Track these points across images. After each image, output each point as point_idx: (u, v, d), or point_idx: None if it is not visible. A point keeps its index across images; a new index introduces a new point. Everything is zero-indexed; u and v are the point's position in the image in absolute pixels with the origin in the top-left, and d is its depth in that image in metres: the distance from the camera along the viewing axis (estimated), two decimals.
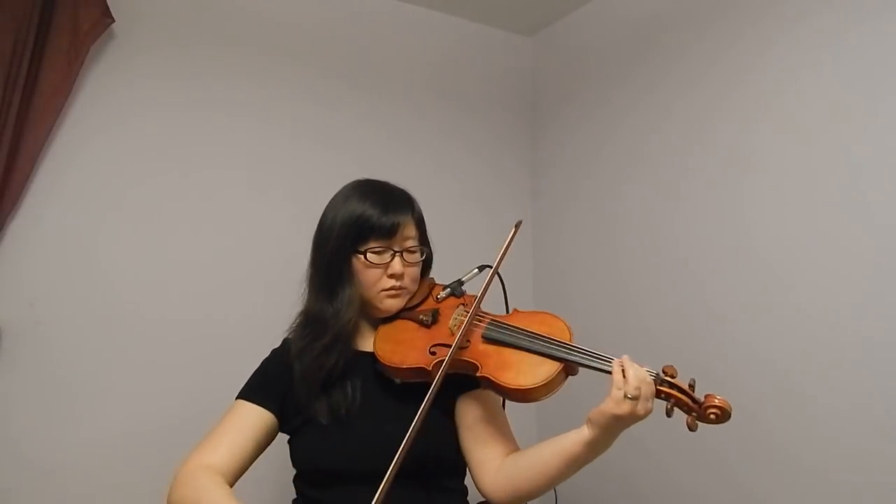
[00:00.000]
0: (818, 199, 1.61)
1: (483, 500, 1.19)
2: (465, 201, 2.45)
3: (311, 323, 1.18)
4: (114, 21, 1.84)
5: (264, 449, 1.19)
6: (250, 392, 1.20)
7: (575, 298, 2.34)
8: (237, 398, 1.20)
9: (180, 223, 1.97)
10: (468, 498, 1.23)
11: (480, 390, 1.17)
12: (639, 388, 0.94)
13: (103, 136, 1.88)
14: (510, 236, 1.15)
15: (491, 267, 1.15)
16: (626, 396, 0.93)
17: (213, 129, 2.04)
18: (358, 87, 2.30)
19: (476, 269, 1.23)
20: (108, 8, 1.82)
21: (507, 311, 1.21)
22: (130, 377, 1.85)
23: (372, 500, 0.90)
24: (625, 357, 0.99)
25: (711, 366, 1.82)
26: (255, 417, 1.16)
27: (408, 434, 0.95)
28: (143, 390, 1.86)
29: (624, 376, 0.95)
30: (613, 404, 0.94)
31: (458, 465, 1.18)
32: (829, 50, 1.62)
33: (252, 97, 2.10)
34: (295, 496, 1.23)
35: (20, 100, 1.67)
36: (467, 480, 1.21)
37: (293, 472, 1.23)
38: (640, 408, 0.94)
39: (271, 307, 2.03)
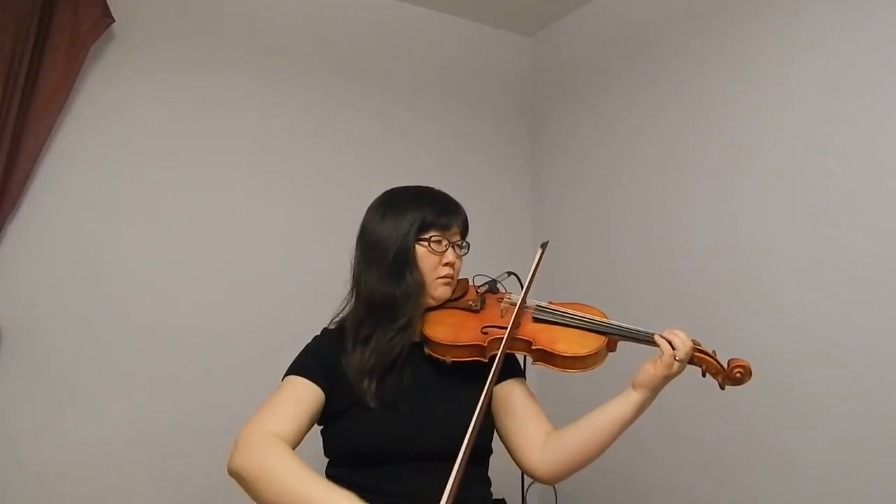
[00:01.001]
0: (810, 197, 1.62)
1: (498, 498, 1.24)
2: (467, 196, 2.41)
3: (379, 307, 1.21)
4: (114, 21, 1.84)
5: (313, 425, 1.20)
6: (300, 369, 1.21)
7: (573, 293, 2.34)
8: (286, 375, 1.21)
9: (180, 223, 1.97)
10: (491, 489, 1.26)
11: (514, 378, 1.26)
12: (687, 352, 1.11)
13: (103, 135, 1.88)
14: (537, 258, 1.29)
15: (516, 274, 1.31)
16: (675, 359, 1.10)
17: (214, 129, 2.04)
18: (360, 86, 2.30)
19: (505, 274, 1.37)
20: (108, 8, 1.82)
21: None
22: (129, 377, 1.85)
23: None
24: (670, 331, 1.15)
25: None
26: (309, 391, 1.17)
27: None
28: (142, 390, 1.86)
29: (672, 345, 1.11)
30: (664, 367, 1.11)
31: (489, 454, 1.24)
32: (822, 48, 1.62)
33: (253, 97, 2.10)
34: None
35: (20, 100, 1.67)
36: (494, 469, 1.25)
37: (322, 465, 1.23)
38: (681, 367, 1.12)
39: (273, 304, 2.05)
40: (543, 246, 1.32)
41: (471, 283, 1.36)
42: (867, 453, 1.46)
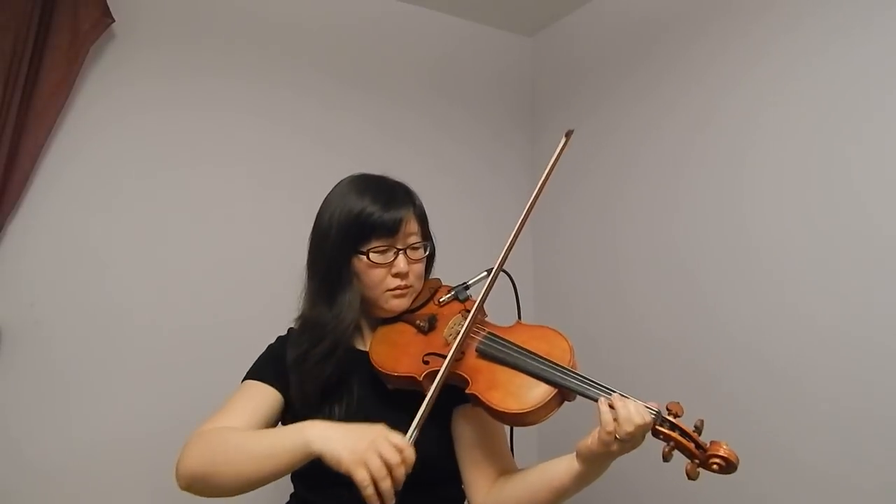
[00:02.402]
0: (817, 199, 1.61)
1: None
2: (464, 200, 2.45)
3: (308, 329, 1.13)
4: (114, 21, 1.84)
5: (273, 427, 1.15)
6: (259, 373, 1.16)
7: (574, 297, 2.34)
8: (244, 380, 1.17)
9: (180, 223, 1.97)
10: None
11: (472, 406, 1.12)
12: (631, 433, 0.88)
13: (103, 136, 1.88)
14: (559, 148, 1.09)
15: (503, 271, 1.10)
16: (616, 438, 0.89)
17: (213, 129, 2.04)
18: (358, 87, 2.30)
19: (484, 273, 1.15)
20: (108, 8, 1.82)
21: (520, 316, 1.18)
22: (130, 377, 1.85)
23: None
24: (616, 397, 0.93)
25: (710, 367, 1.82)
26: (266, 395, 1.11)
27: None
28: (143, 390, 1.86)
29: (615, 417, 0.89)
30: (602, 445, 0.90)
31: (456, 472, 1.15)
32: (828, 50, 1.62)
33: (252, 97, 2.10)
34: (292, 491, 1.22)
35: (20, 100, 1.67)
36: None
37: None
38: (631, 446, 0.90)
39: (271, 307, 2.03)
40: (568, 134, 1.09)
41: (442, 286, 1.20)
42: (873, 453, 1.46)
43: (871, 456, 1.46)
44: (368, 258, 1.08)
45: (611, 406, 0.90)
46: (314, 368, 1.09)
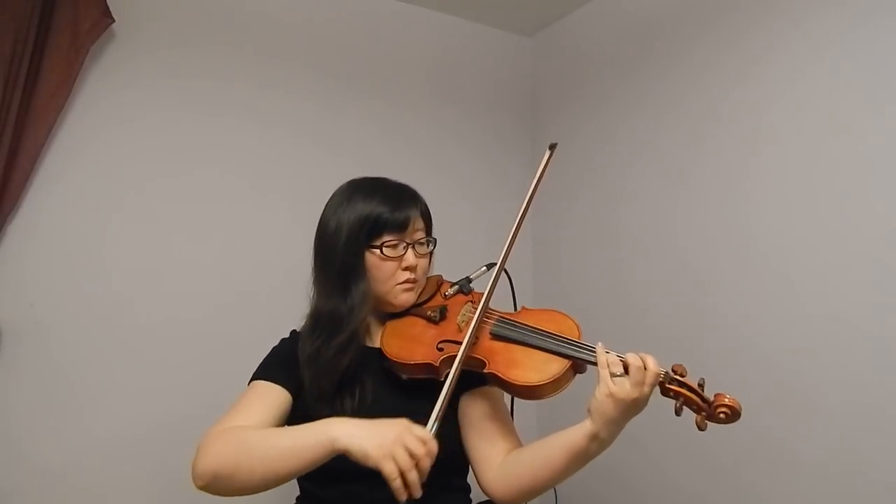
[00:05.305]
0: (822, 197, 1.61)
1: (485, 499, 1.19)
2: (464, 201, 2.45)
3: (323, 323, 1.15)
4: (114, 21, 1.84)
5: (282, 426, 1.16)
6: (266, 373, 1.17)
7: (576, 298, 2.34)
8: (252, 381, 1.17)
9: (180, 223, 1.97)
10: (471, 496, 1.22)
11: (484, 387, 1.16)
12: (619, 366, 0.96)
13: (103, 136, 1.88)
14: (545, 160, 1.17)
15: (501, 266, 1.16)
16: (612, 374, 0.96)
17: (213, 129, 2.04)
18: (358, 88, 2.30)
19: (484, 268, 1.22)
20: (108, 8, 1.82)
21: (515, 308, 1.21)
22: (130, 378, 1.85)
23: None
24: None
25: (713, 364, 1.80)
26: (276, 394, 1.12)
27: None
28: (143, 390, 1.86)
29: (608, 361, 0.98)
30: (604, 385, 0.96)
31: (463, 463, 1.18)
32: (833, 49, 1.62)
33: (252, 97, 2.10)
34: (299, 494, 1.22)
35: (20, 100, 1.67)
36: (470, 479, 1.21)
37: None
38: (633, 390, 0.95)
39: (271, 308, 2.04)
40: (552, 147, 1.17)
41: (444, 281, 1.25)
42: (875, 452, 1.46)
43: (873, 456, 1.46)
44: (382, 252, 1.13)
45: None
46: (331, 361, 1.11)
